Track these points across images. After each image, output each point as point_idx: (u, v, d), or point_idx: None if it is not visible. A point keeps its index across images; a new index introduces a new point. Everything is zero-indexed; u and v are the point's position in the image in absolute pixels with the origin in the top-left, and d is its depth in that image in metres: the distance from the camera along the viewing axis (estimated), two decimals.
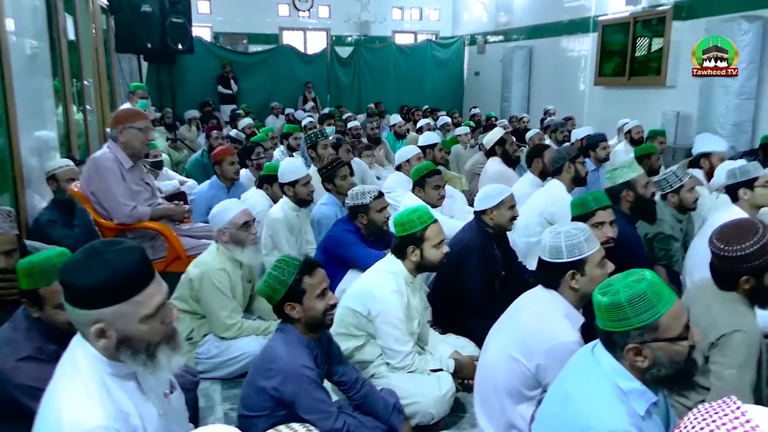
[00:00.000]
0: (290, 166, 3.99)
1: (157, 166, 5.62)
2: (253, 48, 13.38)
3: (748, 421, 0.96)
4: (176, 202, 4.46)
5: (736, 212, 3.19)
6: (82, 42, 6.19)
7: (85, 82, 6.13)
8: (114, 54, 8.55)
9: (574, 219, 2.94)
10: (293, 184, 3.88)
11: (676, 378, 1.54)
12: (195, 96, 11.38)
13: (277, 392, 2.09)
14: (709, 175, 4.46)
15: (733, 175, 3.29)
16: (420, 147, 5.42)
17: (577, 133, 6.47)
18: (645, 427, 1.52)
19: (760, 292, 2.08)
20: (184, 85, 11.37)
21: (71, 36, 5.75)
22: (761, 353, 2.06)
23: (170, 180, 5.73)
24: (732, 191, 3.29)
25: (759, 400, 2.07)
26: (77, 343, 1.48)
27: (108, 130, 4.01)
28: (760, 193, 3.21)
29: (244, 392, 2.25)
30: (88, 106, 6.18)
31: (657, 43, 8.52)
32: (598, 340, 1.66)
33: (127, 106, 6.19)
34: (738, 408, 0.99)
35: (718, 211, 3.35)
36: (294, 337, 2.18)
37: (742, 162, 3.70)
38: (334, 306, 2.23)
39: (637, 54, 8.92)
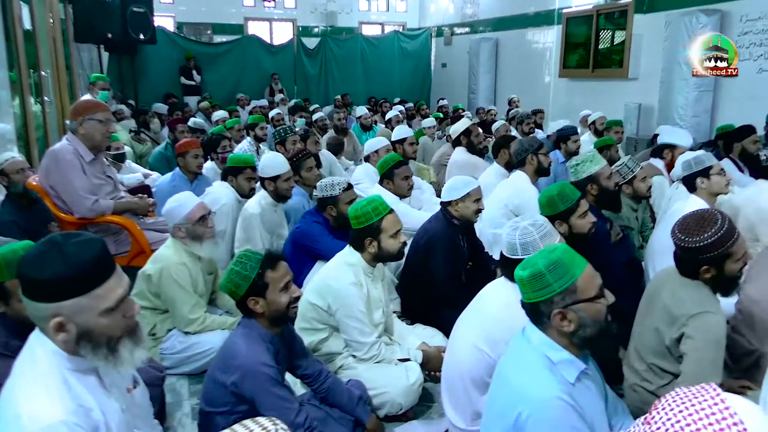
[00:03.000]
0: (272, 161, 3.87)
1: (120, 158, 5.50)
2: (218, 38, 13.17)
3: (727, 408, 0.95)
4: (140, 195, 4.37)
5: (695, 201, 3.28)
6: (38, 31, 6.00)
7: (43, 73, 5.96)
8: (73, 44, 8.32)
9: (563, 212, 2.88)
10: (275, 179, 3.80)
11: (600, 336, 1.64)
12: (158, 88, 11.16)
13: (236, 388, 2.07)
14: (669, 166, 4.56)
15: (688, 165, 3.37)
16: (392, 142, 5.38)
17: (553, 127, 6.57)
18: (576, 394, 1.60)
19: (720, 281, 2.14)
20: (147, 76, 11.15)
21: (27, 25, 5.57)
22: None
23: (133, 173, 5.62)
24: (689, 181, 3.37)
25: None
26: (35, 338, 1.45)
27: (67, 122, 3.90)
28: (716, 181, 3.30)
29: (205, 387, 2.22)
30: (46, 98, 6.00)
31: (619, 36, 8.67)
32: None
33: (87, 97, 6.05)
34: (718, 395, 0.98)
35: (679, 201, 3.44)
36: (255, 332, 2.15)
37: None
38: (297, 299, 2.22)
39: (601, 46, 9.06)
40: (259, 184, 3.97)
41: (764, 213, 3.44)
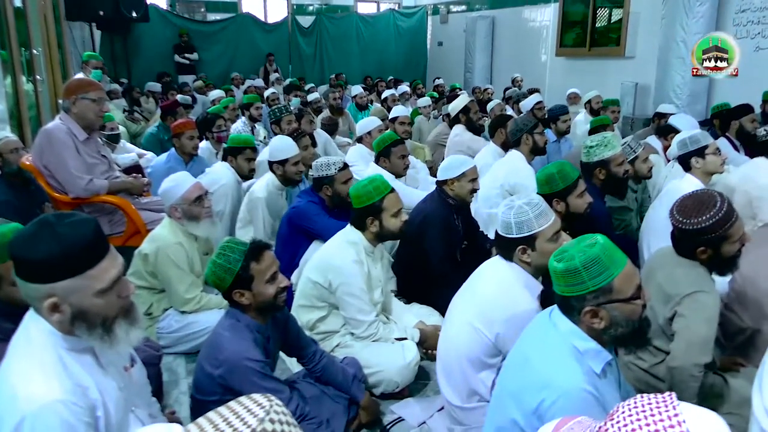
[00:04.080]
0: (282, 144, 3.81)
1: (114, 138, 5.47)
2: (212, 16, 12.99)
3: (681, 425, 0.93)
4: (134, 175, 4.36)
5: (690, 180, 3.28)
6: (29, 9, 5.92)
7: (35, 52, 5.89)
8: (64, 22, 8.21)
9: (561, 190, 2.88)
10: (283, 162, 3.75)
11: (632, 336, 1.60)
12: (152, 66, 11.04)
13: (223, 380, 2.04)
14: (667, 147, 4.55)
15: (684, 144, 3.36)
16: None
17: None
18: (600, 386, 1.57)
19: (717, 261, 2.15)
20: (140, 55, 11.04)
21: (17, 3, 5.49)
22: None
23: (128, 153, 5.59)
24: (684, 161, 3.37)
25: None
26: (30, 318, 1.45)
27: (60, 101, 3.86)
28: (711, 161, 3.29)
29: (195, 374, 2.19)
30: (38, 77, 5.94)
31: (617, 14, 8.61)
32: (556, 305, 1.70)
33: (80, 76, 5.98)
34: (674, 410, 0.95)
35: (674, 180, 3.44)
36: (242, 323, 2.11)
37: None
38: (285, 289, 2.16)
39: (598, 25, 9.00)
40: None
41: (765, 191, 3.43)
